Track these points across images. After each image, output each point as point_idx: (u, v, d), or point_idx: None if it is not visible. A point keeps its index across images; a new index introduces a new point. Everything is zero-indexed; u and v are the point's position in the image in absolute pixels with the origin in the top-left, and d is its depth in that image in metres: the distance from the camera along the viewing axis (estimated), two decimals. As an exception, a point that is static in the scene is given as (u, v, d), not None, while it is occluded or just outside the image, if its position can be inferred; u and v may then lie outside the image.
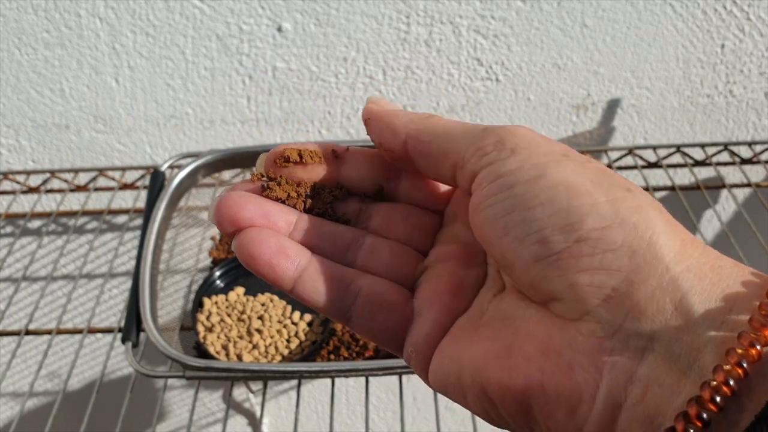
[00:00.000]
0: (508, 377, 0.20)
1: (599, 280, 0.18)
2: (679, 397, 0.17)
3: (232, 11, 0.71)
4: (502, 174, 0.20)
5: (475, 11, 0.71)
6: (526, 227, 0.20)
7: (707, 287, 0.18)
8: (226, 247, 0.76)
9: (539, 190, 0.20)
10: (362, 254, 0.24)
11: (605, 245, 0.19)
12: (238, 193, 0.24)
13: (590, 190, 0.19)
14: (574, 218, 0.19)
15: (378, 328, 0.23)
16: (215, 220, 0.23)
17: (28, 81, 0.75)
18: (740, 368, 0.16)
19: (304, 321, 0.68)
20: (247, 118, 0.79)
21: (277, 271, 0.23)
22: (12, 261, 0.88)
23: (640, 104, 0.79)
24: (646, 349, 0.18)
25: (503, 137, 0.21)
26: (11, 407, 1.04)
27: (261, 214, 0.23)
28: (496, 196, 0.20)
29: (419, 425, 1.09)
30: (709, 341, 0.17)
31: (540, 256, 0.19)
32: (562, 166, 0.20)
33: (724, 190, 0.85)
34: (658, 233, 0.19)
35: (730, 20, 0.73)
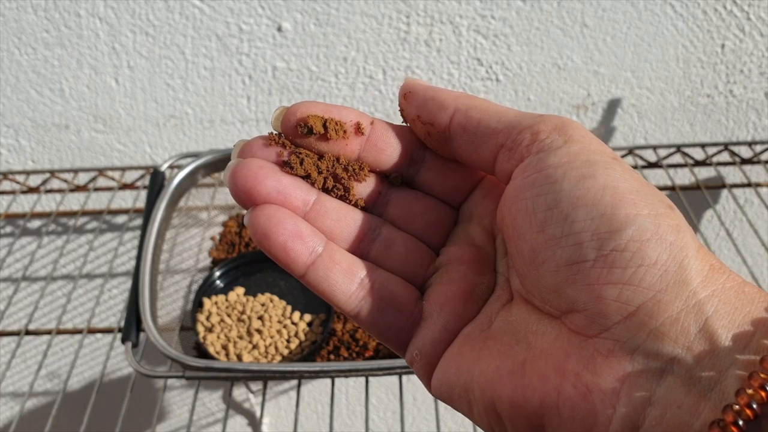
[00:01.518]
0: (522, 396, 0.19)
1: (626, 296, 0.18)
2: (698, 420, 0.17)
3: (232, 11, 0.71)
4: (552, 165, 0.20)
5: (475, 11, 0.71)
6: (566, 227, 0.19)
7: (731, 312, 0.18)
8: (226, 247, 0.76)
9: (586, 191, 0.19)
10: (377, 246, 0.24)
11: (640, 260, 0.18)
12: (257, 163, 0.22)
13: (635, 200, 0.19)
14: (615, 226, 0.19)
15: (385, 326, 0.23)
16: (230, 189, 0.22)
17: (28, 81, 0.75)
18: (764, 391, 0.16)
19: (304, 321, 0.68)
20: (246, 117, 0.79)
21: (291, 255, 0.22)
22: (12, 261, 0.88)
23: (640, 104, 0.79)
24: (665, 371, 0.18)
25: (560, 125, 0.21)
26: (11, 407, 1.04)
27: (279, 191, 0.22)
28: (541, 188, 0.20)
29: (419, 425, 1.09)
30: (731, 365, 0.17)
31: (573, 260, 0.19)
32: (611, 169, 0.20)
33: (724, 190, 0.85)
34: (690, 256, 0.18)
35: (731, 20, 0.72)
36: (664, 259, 0.18)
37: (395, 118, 0.79)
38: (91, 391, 0.61)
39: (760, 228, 0.88)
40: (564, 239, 0.19)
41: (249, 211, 0.22)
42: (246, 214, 0.22)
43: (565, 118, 0.21)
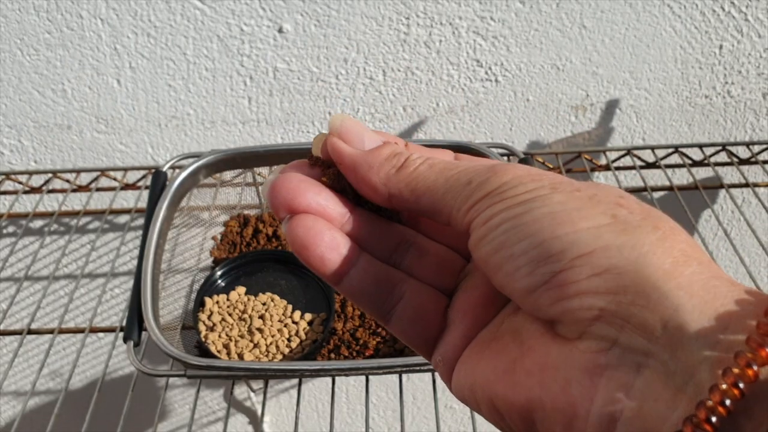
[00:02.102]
0: (512, 392, 0.20)
1: (588, 303, 0.19)
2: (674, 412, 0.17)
3: (233, 12, 0.71)
4: (492, 216, 0.21)
5: (475, 12, 0.72)
6: (514, 262, 0.20)
7: (698, 305, 0.18)
8: (227, 247, 0.77)
9: (524, 225, 0.20)
10: (410, 256, 0.25)
11: (590, 270, 0.19)
12: (297, 176, 0.24)
13: (573, 219, 0.20)
14: (557, 248, 0.19)
15: (414, 334, 0.24)
16: (269, 200, 0.23)
17: (30, 82, 0.76)
18: (737, 389, 0.16)
19: (304, 320, 0.68)
20: (248, 118, 0.79)
21: (328, 265, 0.23)
22: (14, 261, 0.89)
23: (638, 105, 0.79)
24: (641, 364, 0.18)
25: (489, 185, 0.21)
26: (13, 406, 1.04)
27: (317, 203, 0.23)
28: (487, 237, 0.21)
29: (419, 424, 1.09)
30: (704, 360, 0.17)
31: (531, 288, 0.20)
32: (548, 198, 0.20)
33: (722, 191, 0.85)
34: (645, 253, 0.19)
35: (728, 21, 0.73)
36: (615, 262, 0.19)
37: (395, 119, 0.79)
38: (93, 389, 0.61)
39: (757, 228, 0.88)
40: (516, 273, 0.20)
41: (287, 219, 0.23)
42: (284, 223, 0.23)
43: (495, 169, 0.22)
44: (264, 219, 0.79)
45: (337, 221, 0.24)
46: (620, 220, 0.19)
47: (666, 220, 0.20)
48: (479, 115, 0.80)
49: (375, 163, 0.23)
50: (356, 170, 0.23)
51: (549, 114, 0.80)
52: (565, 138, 0.82)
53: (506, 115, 0.80)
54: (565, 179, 0.21)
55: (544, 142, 0.82)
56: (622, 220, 0.19)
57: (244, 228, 0.78)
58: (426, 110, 0.79)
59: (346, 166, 0.24)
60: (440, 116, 0.80)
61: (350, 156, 0.24)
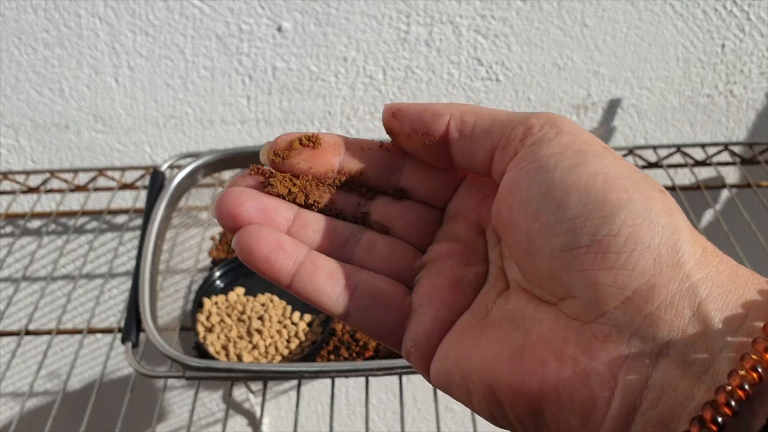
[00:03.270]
0: (521, 380, 0.20)
1: (621, 281, 0.19)
2: (692, 402, 0.17)
3: (232, 11, 0.71)
4: (544, 155, 0.20)
5: (475, 11, 0.71)
6: (560, 214, 0.20)
7: (724, 295, 0.18)
8: (226, 247, 0.76)
9: (578, 178, 0.20)
10: (359, 250, 0.24)
11: (633, 244, 0.19)
12: (239, 189, 0.24)
13: (627, 186, 0.19)
14: (608, 211, 0.19)
15: (376, 324, 0.23)
16: (216, 216, 0.23)
17: (28, 81, 0.75)
18: (755, 373, 0.16)
19: (304, 321, 0.68)
20: (246, 117, 0.79)
21: (275, 266, 0.23)
22: (12, 261, 0.88)
23: (640, 104, 0.79)
24: (660, 354, 0.18)
25: (550, 120, 0.21)
26: (11, 407, 1.04)
27: (259, 210, 0.23)
28: (534, 177, 0.20)
29: (419, 425, 1.09)
30: (724, 347, 0.17)
31: (567, 246, 0.19)
32: (602, 157, 0.20)
33: (724, 190, 0.85)
34: (683, 240, 0.19)
35: (731, 20, 0.72)
36: (657, 242, 0.19)
37: (395, 118, 0.79)
38: (91, 391, 0.61)
39: (759, 228, 0.88)
40: (558, 226, 0.19)
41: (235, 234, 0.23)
42: (232, 239, 0.23)
43: (556, 114, 0.22)
44: (263, 219, 0.78)
45: (282, 225, 0.24)
46: (667, 198, 0.20)
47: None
48: (480, 115, 0.79)
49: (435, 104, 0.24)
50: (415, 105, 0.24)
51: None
52: (566, 137, 0.81)
53: (507, 114, 0.79)
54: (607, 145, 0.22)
55: (545, 142, 0.82)
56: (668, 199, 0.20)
57: (243, 228, 0.78)
58: (426, 109, 0.79)
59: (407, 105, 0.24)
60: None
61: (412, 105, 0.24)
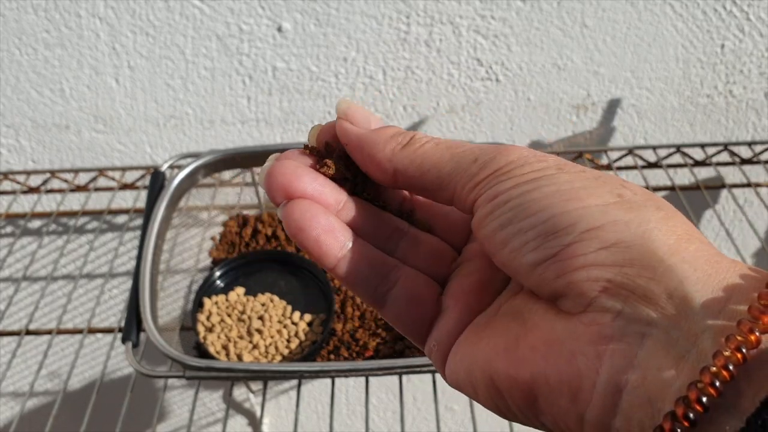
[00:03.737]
0: (515, 369, 0.20)
1: (595, 275, 0.19)
2: (677, 381, 0.18)
3: (232, 11, 0.71)
4: (499, 193, 0.21)
5: (475, 11, 0.71)
6: (522, 237, 0.20)
7: (702, 278, 0.18)
8: (226, 247, 0.76)
9: (533, 202, 0.20)
10: (403, 245, 0.25)
11: (598, 244, 0.19)
12: (294, 163, 0.24)
13: (581, 196, 0.20)
14: (566, 223, 0.20)
15: (408, 320, 0.24)
16: (266, 186, 0.24)
17: (28, 81, 0.75)
18: (740, 353, 0.17)
19: (304, 321, 0.68)
20: (247, 118, 0.79)
21: (323, 248, 0.23)
22: (12, 261, 0.88)
23: (640, 104, 0.79)
24: (645, 334, 0.18)
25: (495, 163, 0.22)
26: (11, 407, 1.04)
27: (314, 188, 0.24)
28: (493, 214, 0.21)
29: (419, 425, 1.09)
30: (707, 329, 0.18)
31: (537, 262, 0.20)
32: (555, 177, 0.21)
33: (724, 190, 0.85)
34: (651, 229, 0.19)
35: (730, 20, 0.73)
36: (623, 237, 0.19)
37: (395, 118, 0.79)
38: (92, 390, 0.61)
39: (759, 228, 0.88)
40: (523, 248, 0.20)
41: (283, 204, 0.23)
42: (280, 208, 0.23)
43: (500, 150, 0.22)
44: (263, 219, 0.78)
45: (332, 207, 0.24)
46: (626, 200, 0.20)
47: (667, 203, 0.21)
48: (480, 115, 0.79)
49: (380, 140, 0.24)
50: (362, 148, 0.24)
51: (550, 113, 0.79)
52: (567, 137, 0.81)
53: (507, 114, 0.79)
54: (568, 162, 0.22)
55: (545, 142, 0.82)
56: (628, 200, 0.20)
57: (243, 228, 0.78)
58: (426, 110, 0.79)
59: (353, 144, 0.24)
60: (440, 116, 0.79)
61: (356, 134, 0.24)
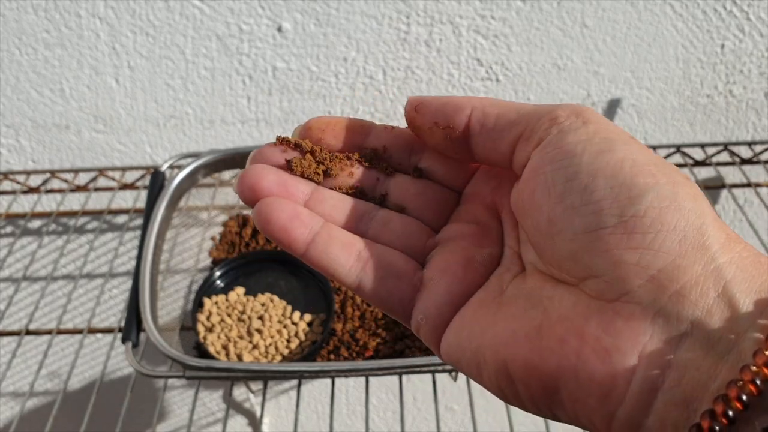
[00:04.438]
0: (539, 358, 0.20)
1: (646, 260, 0.19)
2: (715, 381, 0.17)
3: (232, 11, 0.71)
4: (571, 141, 0.21)
5: (475, 11, 0.71)
6: (586, 196, 0.20)
7: (748, 279, 0.18)
8: (226, 247, 0.76)
9: (605, 163, 0.20)
10: (375, 225, 0.25)
11: (659, 225, 0.19)
12: (260, 165, 0.25)
13: (653, 171, 0.20)
14: (635, 192, 0.19)
15: (387, 295, 0.24)
16: (238, 190, 0.24)
17: (28, 81, 0.75)
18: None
19: (304, 321, 0.68)
20: (247, 118, 0.79)
21: (291, 234, 0.24)
22: (12, 261, 0.88)
23: (640, 104, 0.79)
24: (684, 333, 0.18)
25: (576, 110, 0.22)
26: (11, 407, 1.04)
27: (279, 184, 0.24)
28: (561, 161, 0.21)
29: (419, 425, 1.09)
30: (749, 329, 0.18)
31: (592, 227, 0.20)
32: (629, 144, 0.21)
33: (724, 190, 0.85)
34: (708, 224, 0.19)
35: (730, 20, 0.73)
36: (683, 225, 0.19)
37: (395, 118, 0.79)
38: (92, 390, 0.61)
39: (759, 228, 0.88)
40: (583, 208, 0.20)
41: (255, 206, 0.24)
42: (252, 211, 0.24)
43: (582, 105, 0.22)
44: (263, 219, 0.78)
45: (300, 199, 0.25)
46: (692, 184, 0.20)
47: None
48: (480, 115, 0.79)
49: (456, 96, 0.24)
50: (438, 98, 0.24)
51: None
52: (566, 138, 0.81)
53: (507, 114, 0.79)
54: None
55: (544, 142, 0.82)
56: (692, 185, 0.20)
57: (243, 228, 0.78)
58: (426, 110, 0.79)
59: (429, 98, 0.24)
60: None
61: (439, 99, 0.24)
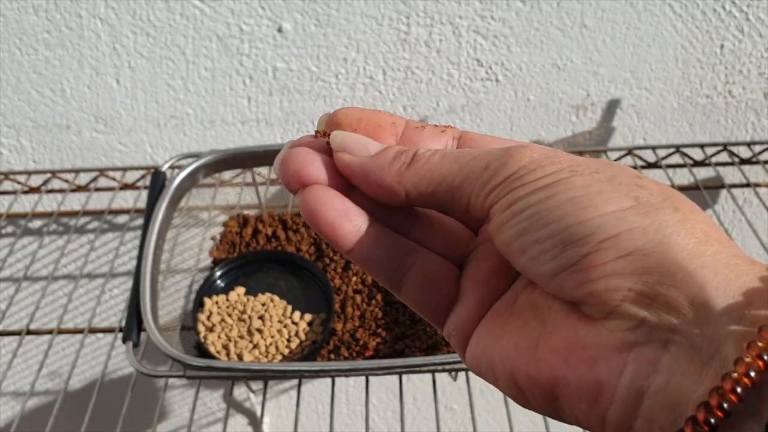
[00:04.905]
0: (536, 369, 0.21)
1: (615, 284, 0.19)
2: (701, 386, 0.18)
3: (233, 12, 0.71)
4: (513, 201, 0.21)
5: (475, 12, 0.71)
6: (539, 246, 0.20)
7: (723, 282, 0.18)
8: (227, 247, 0.76)
9: (548, 210, 0.20)
10: (418, 227, 0.25)
11: (616, 253, 0.19)
12: (306, 149, 0.24)
13: (597, 203, 0.20)
14: (582, 233, 0.20)
15: (426, 302, 0.24)
16: (280, 174, 0.24)
17: (29, 81, 0.75)
18: (761, 360, 0.17)
19: (304, 321, 0.68)
20: (247, 118, 0.79)
21: (339, 232, 0.23)
22: (13, 261, 0.88)
23: (639, 105, 0.79)
24: (669, 340, 0.18)
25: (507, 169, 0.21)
26: (12, 407, 1.04)
27: (326, 173, 0.24)
28: (509, 223, 0.21)
29: (419, 425, 1.09)
30: (729, 334, 0.18)
31: (556, 271, 0.20)
32: (570, 182, 0.21)
33: (723, 191, 0.85)
34: (669, 234, 0.19)
35: (730, 21, 0.73)
36: (640, 244, 0.19)
37: (395, 118, 0.79)
38: (92, 390, 0.61)
39: (759, 228, 0.88)
40: (541, 257, 0.20)
41: (299, 193, 0.23)
42: (297, 196, 0.24)
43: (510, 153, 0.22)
44: (263, 219, 0.78)
45: (346, 190, 0.24)
46: (642, 203, 0.20)
47: (685, 200, 0.21)
48: (480, 115, 0.79)
49: (385, 165, 0.23)
50: (367, 176, 0.24)
51: (550, 114, 0.80)
52: (566, 138, 0.82)
53: (507, 114, 0.79)
54: (581, 160, 0.22)
55: (545, 142, 0.82)
56: (644, 203, 0.20)
57: (243, 228, 0.78)
58: (426, 110, 0.79)
59: (357, 175, 0.24)
60: (440, 116, 0.79)
61: (359, 164, 0.24)
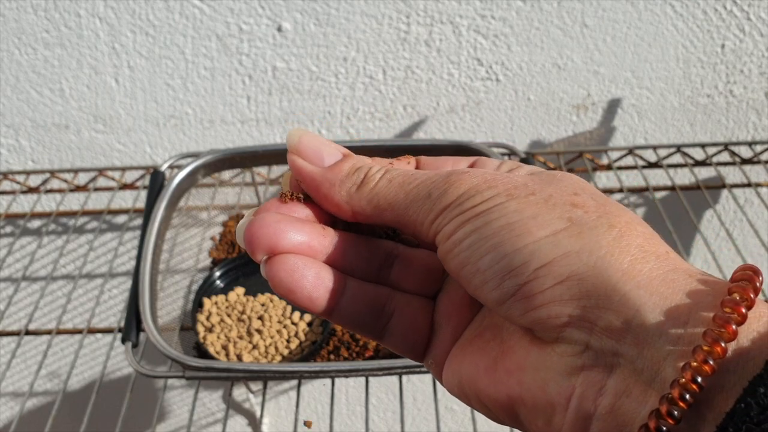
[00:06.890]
0: (494, 389, 0.21)
1: (555, 311, 0.19)
2: (645, 407, 0.18)
3: (232, 11, 0.71)
4: (454, 230, 0.21)
5: (475, 11, 0.71)
6: (480, 276, 0.21)
7: (659, 302, 0.18)
8: (226, 247, 0.76)
9: (485, 240, 0.20)
10: (396, 268, 0.25)
11: (552, 280, 0.19)
12: (274, 216, 0.23)
13: (531, 229, 0.20)
14: (518, 261, 0.20)
15: (407, 346, 0.24)
16: (246, 243, 0.22)
17: (28, 81, 0.75)
18: (695, 384, 0.17)
19: (304, 321, 0.68)
20: (246, 117, 0.79)
21: (317, 303, 0.23)
22: (12, 261, 0.88)
23: (640, 104, 0.79)
24: (614, 364, 0.19)
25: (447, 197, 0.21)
26: (11, 407, 1.04)
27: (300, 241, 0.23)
28: (452, 252, 0.21)
29: (419, 425, 1.09)
30: (668, 355, 0.18)
31: (501, 300, 0.20)
32: (504, 207, 0.21)
33: (724, 190, 0.85)
34: (602, 256, 0.19)
35: (731, 20, 0.72)
36: (575, 269, 0.19)
37: (395, 117, 0.79)
38: (91, 391, 0.61)
39: (760, 228, 0.88)
40: (484, 287, 0.21)
41: (264, 260, 0.22)
42: (262, 264, 0.22)
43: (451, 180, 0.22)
44: (263, 219, 0.78)
45: (320, 253, 0.23)
46: (576, 223, 0.20)
47: (621, 213, 0.21)
48: (480, 115, 0.79)
49: (336, 181, 0.23)
50: (318, 188, 0.23)
51: (550, 113, 0.79)
52: (567, 137, 0.81)
53: (507, 114, 0.79)
54: (520, 182, 0.22)
55: (545, 142, 0.82)
56: (578, 223, 0.20)
57: (243, 228, 0.78)
58: (426, 109, 0.79)
59: (308, 184, 0.23)
60: (441, 115, 0.79)
61: (311, 174, 0.23)
